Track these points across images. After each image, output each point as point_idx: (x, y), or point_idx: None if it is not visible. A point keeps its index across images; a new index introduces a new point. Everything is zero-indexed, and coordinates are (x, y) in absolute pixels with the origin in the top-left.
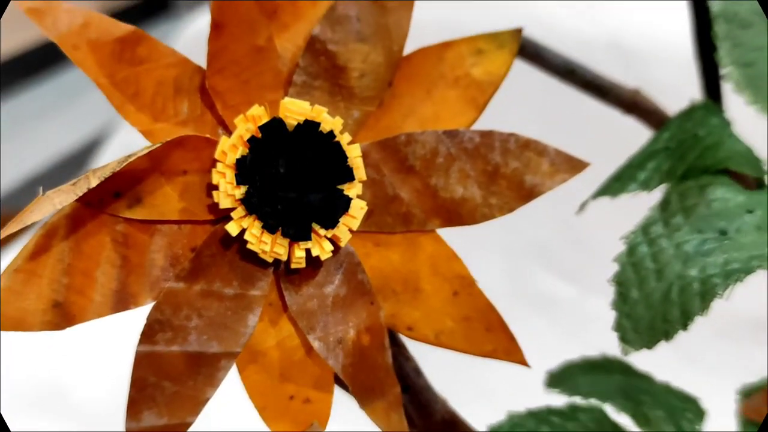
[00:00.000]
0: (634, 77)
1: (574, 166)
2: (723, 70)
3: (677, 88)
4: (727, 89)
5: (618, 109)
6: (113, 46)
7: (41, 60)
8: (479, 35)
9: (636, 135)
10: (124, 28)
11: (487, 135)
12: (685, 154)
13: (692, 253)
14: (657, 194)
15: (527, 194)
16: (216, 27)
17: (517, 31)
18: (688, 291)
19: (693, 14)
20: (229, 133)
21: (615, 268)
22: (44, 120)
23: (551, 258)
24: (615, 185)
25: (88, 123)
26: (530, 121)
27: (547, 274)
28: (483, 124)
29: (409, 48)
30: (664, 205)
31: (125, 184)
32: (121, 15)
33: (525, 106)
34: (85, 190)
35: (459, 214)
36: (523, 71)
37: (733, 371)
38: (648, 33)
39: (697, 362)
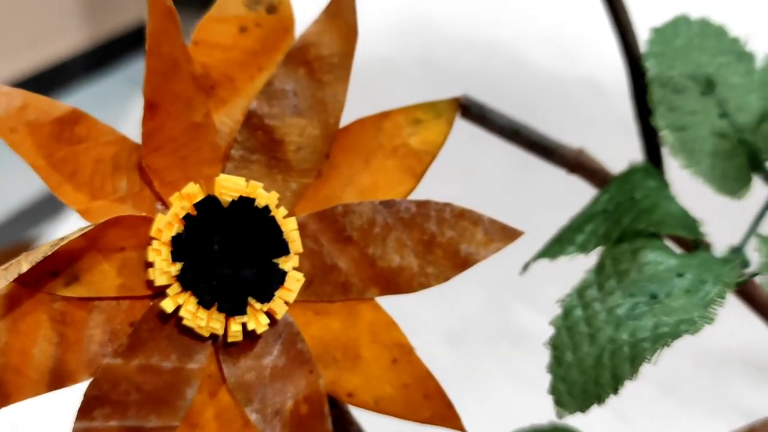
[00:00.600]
0: (610, 114)
1: (507, 234)
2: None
3: None
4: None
5: (562, 168)
6: (52, 127)
7: (31, 90)
8: (417, 105)
9: None
10: (63, 108)
11: (423, 205)
12: (621, 218)
13: (623, 317)
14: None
15: (462, 263)
16: (150, 107)
17: (455, 101)
18: (618, 355)
19: (630, 78)
20: (167, 208)
21: None
22: None
23: (532, 292)
24: (554, 247)
25: None
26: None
27: (528, 308)
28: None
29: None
30: (599, 268)
31: (62, 263)
32: (115, 41)
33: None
34: (16, 276)
35: (396, 283)
36: None
37: (712, 404)
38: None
39: (676, 393)
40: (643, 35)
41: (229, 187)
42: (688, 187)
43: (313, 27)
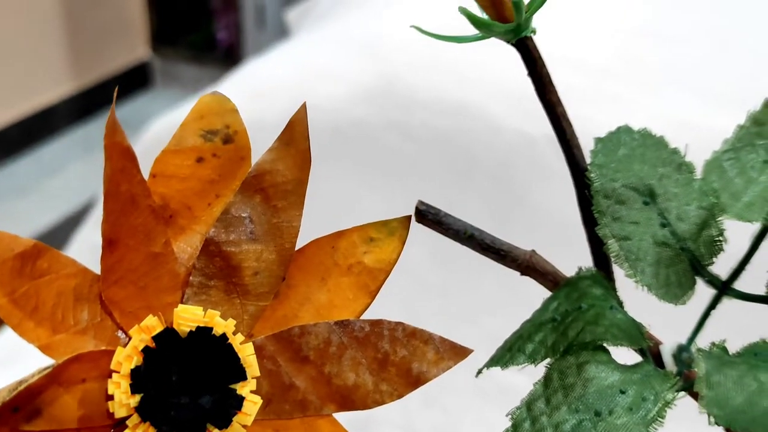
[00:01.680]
0: None
1: (457, 353)
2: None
3: None
4: None
5: (516, 270)
6: (14, 263)
7: (18, 137)
8: (370, 224)
9: None
10: (25, 242)
11: (377, 324)
12: (567, 329)
13: None
14: None
15: (415, 381)
16: (110, 244)
17: (406, 218)
18: None
19: (576, 188)
20: (129, 337)
21: None
22: (21, 197)
23: None
24: (505, 356)
25: (64, 200)
26: None
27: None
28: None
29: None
30: (547, 381)
31: (24, 399)
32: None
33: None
34: None
35: (352, 400)
36: None
37: None
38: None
39: None
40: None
41: (188, 317)
42: None
43: (267, 155)
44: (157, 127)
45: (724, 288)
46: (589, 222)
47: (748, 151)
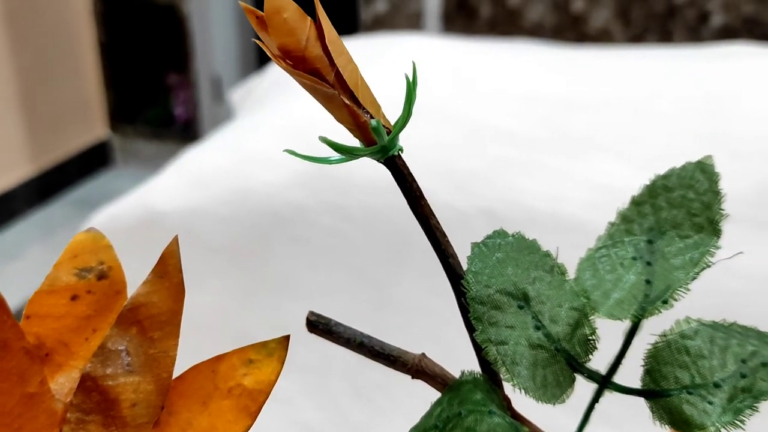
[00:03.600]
0: None
1: None
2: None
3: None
4: None
5: (406, 374)
6: None
7: None
8: (249, 346)
9: None
10: None
11: None
12: None
13: None
14: None
15: None
16: None
17: (285, 339)
18: None
19: (455, 294)
20: None
21: None
22: None
23: None
24: None
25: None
26: None
27: None
28: None
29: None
30: None
31: None
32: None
33: None
34: None
35: None
36: None
37: None
38: (520, 200)
39: None
40: None
41: None
42: None
43: (142, 288)
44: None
45: (604, 382)
46: (471, 328)
47: (619, 248)
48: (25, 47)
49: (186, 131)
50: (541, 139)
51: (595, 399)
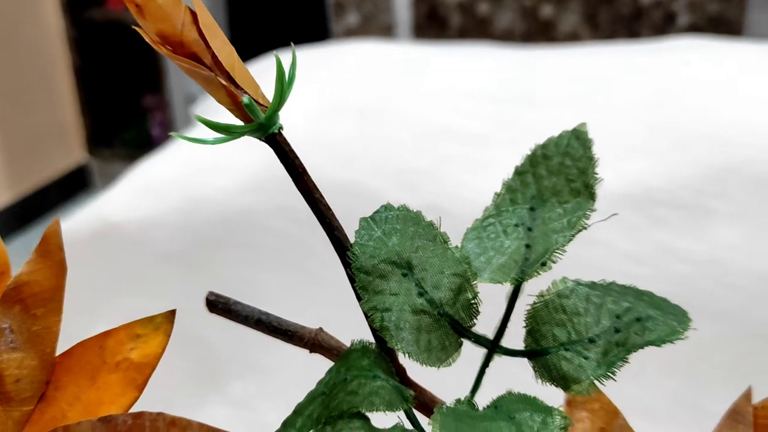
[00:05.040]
0: (457, 238)
1: None
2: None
3: None
4: None
5: (304, 348)
6: None
7: None
8: (135, 321)
9: None
10: None
11: (138, 416)
12: (331, 401)
13: None
14: None
15: None
16: None
17: (171, 313)
18: None
19: (344, 266)
20: None
21: None
22: None
23: None
24: (281, 430)
25: None
26: None
27: None
28: None
29: None
30: None
31: None
32: (38, 194)
33: None
34: None
35: None
36: None
37: None
38: (466, 195)
39: None
40: None
41: None
42: None
43: (25, 267)
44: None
45: (493, 347)
46: (360, 298)
47: (503, 217)
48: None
49: None
50: (489, 136)
51: (485, 363)
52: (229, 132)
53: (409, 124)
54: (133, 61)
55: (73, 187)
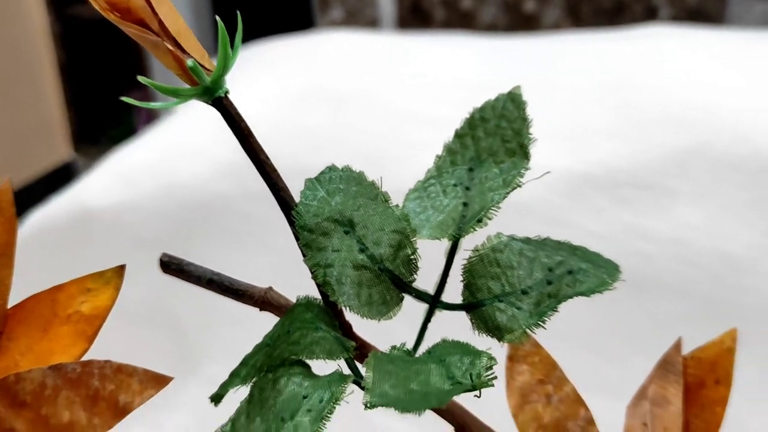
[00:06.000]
0: None
1: (159, 381)
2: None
3: None
4: None
5: (254, 306)
6: None
7: None
8: (86, 276)
9: None
10: None
11: (87, 364)
12: (274, 350)
13: None
14: None
15: (121, 411)
16: None
17: (120, 268)
18: None
19: (290, 225)
20: None
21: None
22: None
23: None
24: (227, 381)
25: None
26: None
27: (392, 416)
28: None
29: None
30: (249, 398)
31: None
32: (24, 192)
33: None
34: None
35: None
36: None
37: None
38: None
39: None
40: None
41: None
42: None
43: None
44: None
45: (434, 302)
46: (304, 255)
47: (444, 178)
48: None
49: None
50: (458, 121)
51: (427, 318)
52: (176, 94)
53: (384, 111)
54: (117, 57)
55: (59, 184)
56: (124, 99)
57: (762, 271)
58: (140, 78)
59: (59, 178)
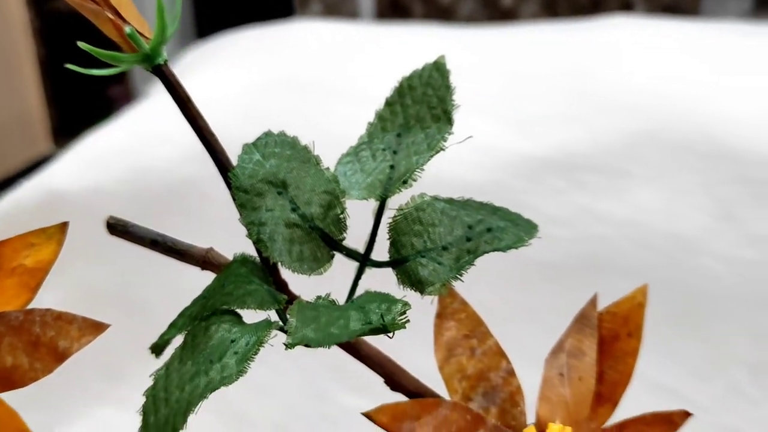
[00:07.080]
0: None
1: (97, 328)
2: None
3: None
4: None
5: (195, 266)
6: None
7: None
8: (29, 232)
9: None
10: None
11: (29, 313)
12: (208, 301)
13: (187, 381)
14: None
15: (61, 356)
16: None
17: (64, 224)
18: (177, 411)
19: (227, 187)
20: None
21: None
22: None
23: (348, 374)
24: (165, 331)
25: None
26: None
27: (345, 390)
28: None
29: None
30: (183, 344)
31: None
32: (5, 184)
33: None
34: None
35: (12, 380)
36: None
37: None
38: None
39: None
40: None
41: None
42: None
43: None
44: None
45: (363, 260)
46: (241, 214)
47: (374, 143)
48: None
49: None
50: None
51: (358, 276)
52: (116, 60)
53: (352, 98)
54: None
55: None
56: (69, 66)
57: (714, 252)
58: (80, 43)
59: (39, 171)
